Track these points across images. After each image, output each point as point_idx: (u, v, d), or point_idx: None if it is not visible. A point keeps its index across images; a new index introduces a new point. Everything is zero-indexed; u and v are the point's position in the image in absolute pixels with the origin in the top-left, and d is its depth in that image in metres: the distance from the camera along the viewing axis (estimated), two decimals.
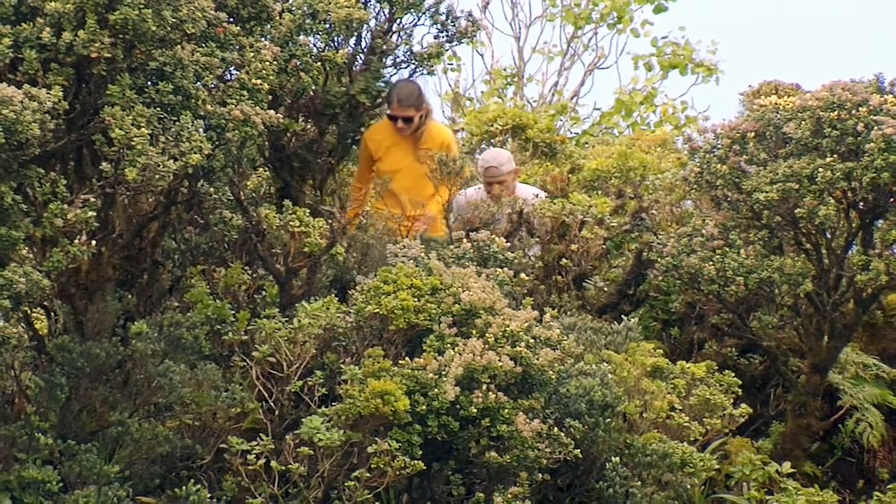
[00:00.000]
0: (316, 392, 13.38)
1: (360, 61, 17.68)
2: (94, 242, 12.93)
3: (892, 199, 16.02)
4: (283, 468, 13.15)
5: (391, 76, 18.18)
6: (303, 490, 13.26)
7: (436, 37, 18.27)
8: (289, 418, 13.38)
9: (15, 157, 12.38)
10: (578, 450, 13.76)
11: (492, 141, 22.70)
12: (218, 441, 13.34)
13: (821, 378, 17.20)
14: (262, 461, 13.05)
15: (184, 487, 12.88)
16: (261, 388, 13.57)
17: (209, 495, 12.93)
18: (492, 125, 23.18)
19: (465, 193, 15.70)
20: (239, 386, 13.62)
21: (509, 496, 13.31)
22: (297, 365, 13.58)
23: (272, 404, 13.48)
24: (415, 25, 18.04)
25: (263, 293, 15.03)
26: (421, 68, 18.34)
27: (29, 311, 13.14)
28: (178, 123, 13.14)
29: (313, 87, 16.72)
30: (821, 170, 15.70)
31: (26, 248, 12.64)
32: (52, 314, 14.17)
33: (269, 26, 15.36)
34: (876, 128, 15.64)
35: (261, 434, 13.22)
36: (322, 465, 13.10)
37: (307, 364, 13.50)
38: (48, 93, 12.30)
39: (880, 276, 16.00)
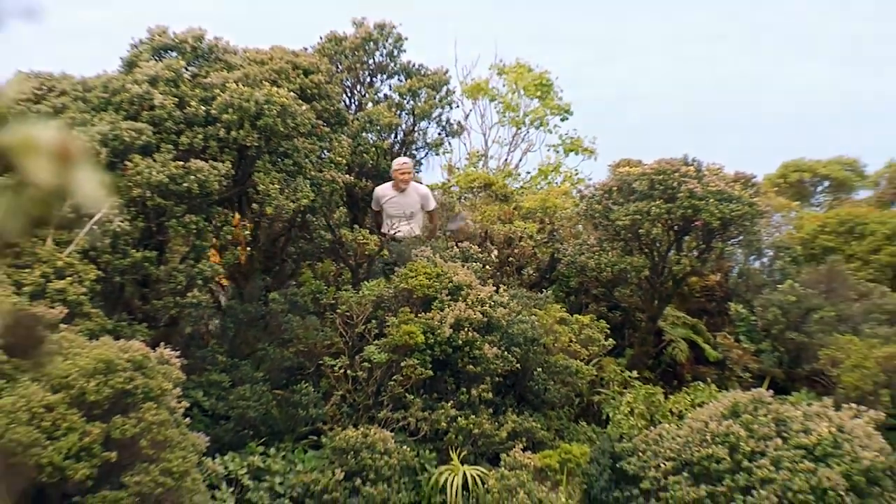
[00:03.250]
0: (371, 332, 13.43)
1: (396, 147, 17.73)
2: (248, 248, 12.96)
3: (693, 224, 16.11)
4: (354, 374, 13.21)
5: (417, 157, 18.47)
6: (364, 387, 13.28)
7: (439, 133, 18.28)
8: (357, 347, 13.43)
9: (204, 200, 12.39)
10: (518, 364, 13.82)
11: (470, 193, 22.89)
12: (317, 360, 13.41)
13: (653, 324, 17.23)
14: (341, 371, 13.09)
15: (298, 385, 12.93)
16: (341, 330, 13.61)
17: (313, 389, 12.96)
18: (472, 183, 23.23)
19: (381, 187, 15.56)
20: (329, 329, 13.71)
21: (480, 390, 13.36)
22: (362, 317, 13.62)
23: (347, 339, 13.52)
24: (427, 127, 18.06)
25: (342, 276, 15.09)
26: (430, 151, 18.44)
27: (212, 287, 13.23)
28: (295, 182, 13.21)
29: (371, 162, 16.80)
30: (653, 208, 15.72)
31: (212, 252, 12.71)
32: (224, 288, 14.28)
33: (345, 127, 15.42)
34: (684, 185, 15.74)
35: (341, 355, 13.28)
36: (375, 373, 13.14)
37: (367, 316, 13.56)
38: (223, 164, 12.34)
39: (686, 267, 16.07)
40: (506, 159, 34.94)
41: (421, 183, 17.74)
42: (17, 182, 1.22)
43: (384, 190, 15.38)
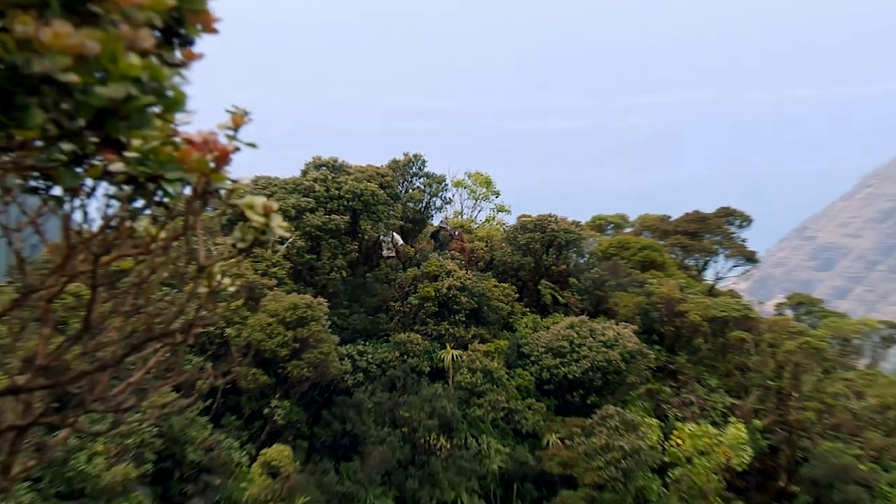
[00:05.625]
0: (411, 291, 13.26)
1: (422, 210, 17.61)
2: (357, 253, 12.72)
3: (553, 243, 15.86)
4: (403, 310, 12.98)
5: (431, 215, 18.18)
6: (408, 315, 13.08)
7: (441, 203, 18.17)
8: (405, 297, 13.25)
9: (338, 232, 12.20)
10: (476, 304, 13.71)
11: (454, 227, 22.44)
12: (388, 303, 13.22)
13: (536, 287, 16.86)
14: (398, 308, 12.84)
15: (379, 315, 12.71)
16: (398, 290, 13.43)
17: (385, 316, 12.75)
18: (458, 226, 22.89)
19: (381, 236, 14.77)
20: (393, 289, 13.50)
21: (459, 317, 13.21)
22: (407, 284, 13.49)
23: (400, 294, 13.35)
24: (435, 200, 17.93)
25: (398, 266, 14.90)
26: (437, 211, 18.32)
27: (342, 271, 13.02)
28: (377, 225, 13.04)
29: (411, 217, 16.66)
30: (536, 235, 15.44)
31: (341, 256, 12.51)
32: (345, 272, 14.04)
33: (399, 200, 15.23)
34: (550, 225, 15.41)
35: (398, 301, 13.08)
36: (413, 309, 12.96)
37: (409, 284, 13.43)
38: (345, 217, 12.16)
39: (550, 263, 15.69)
40: (470, 215, 35.01)
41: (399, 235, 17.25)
42: (247, 224, 1.21)
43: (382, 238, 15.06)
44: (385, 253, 15.06)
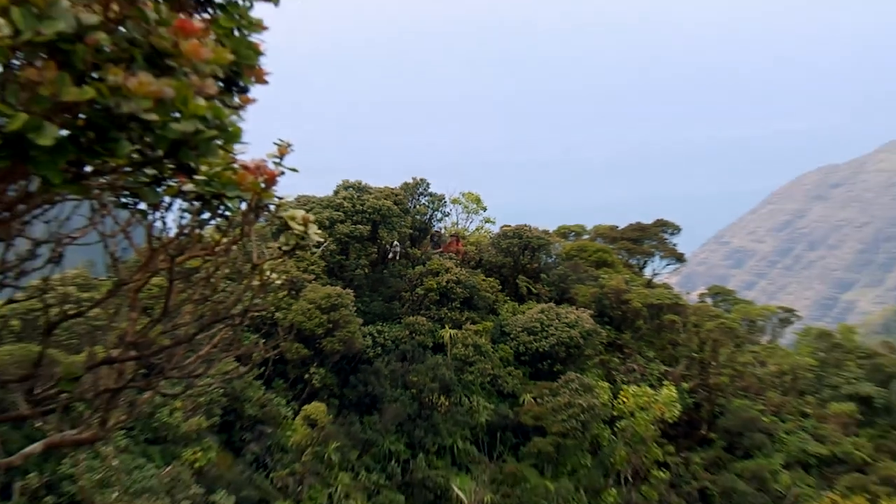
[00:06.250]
0: (419, 283, 13.06)
1: (425, 221, 17.43)
2: (376, 255, 12.58)
3: (528, 246, 15.70)
4: (412, 298, 12.77)
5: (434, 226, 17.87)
6: (417, 302, 12.91)
7: (441, 215, 17.98)
8: (414, 288, 13.10)
9: (362, 238, 12.10)
10: (469, 295, 13.57)
11: (451, 235, 22.05)
12: (401, 293, 13.00)
13: (515, 281, 16.63)
14: (409, 297, 12.64)
15: (394, 302, 12.55)
16: (408, 282, 13.26)
17: (398, 303, 12.59)
18: (454, 231, 22.58)
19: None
20: (405, 282, 13.29)
21: (455, 304, 13.07)
22: (414, 278, 13.29)
23: (410, 286, 13.18)
24: (437, 213, 17.74)
25: (411, 265, 14.74)
26: (438, 222, 18.11)
27: (364, 269, 12.89)
28: (391, 233, 12.93)
29: (419, 226, 16.48)
30: (514, 241, 15.30)
31: (364, 257, 12.39)
32: (367, 269, 13.84)
33: (409, 213, 15.09)
34: (526, 233, 15.19)
35: (408, 291, 12.88)
36: (420, 297, 12.78)
37: (417, 278, 13.28)
38: (367, 226, 12.04)
39: (525, 262, 15.46)
40: (464, 225, 34.64)
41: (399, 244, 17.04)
42: (291, 232, 1.20)
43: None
44: (391, 256, 14.96)
